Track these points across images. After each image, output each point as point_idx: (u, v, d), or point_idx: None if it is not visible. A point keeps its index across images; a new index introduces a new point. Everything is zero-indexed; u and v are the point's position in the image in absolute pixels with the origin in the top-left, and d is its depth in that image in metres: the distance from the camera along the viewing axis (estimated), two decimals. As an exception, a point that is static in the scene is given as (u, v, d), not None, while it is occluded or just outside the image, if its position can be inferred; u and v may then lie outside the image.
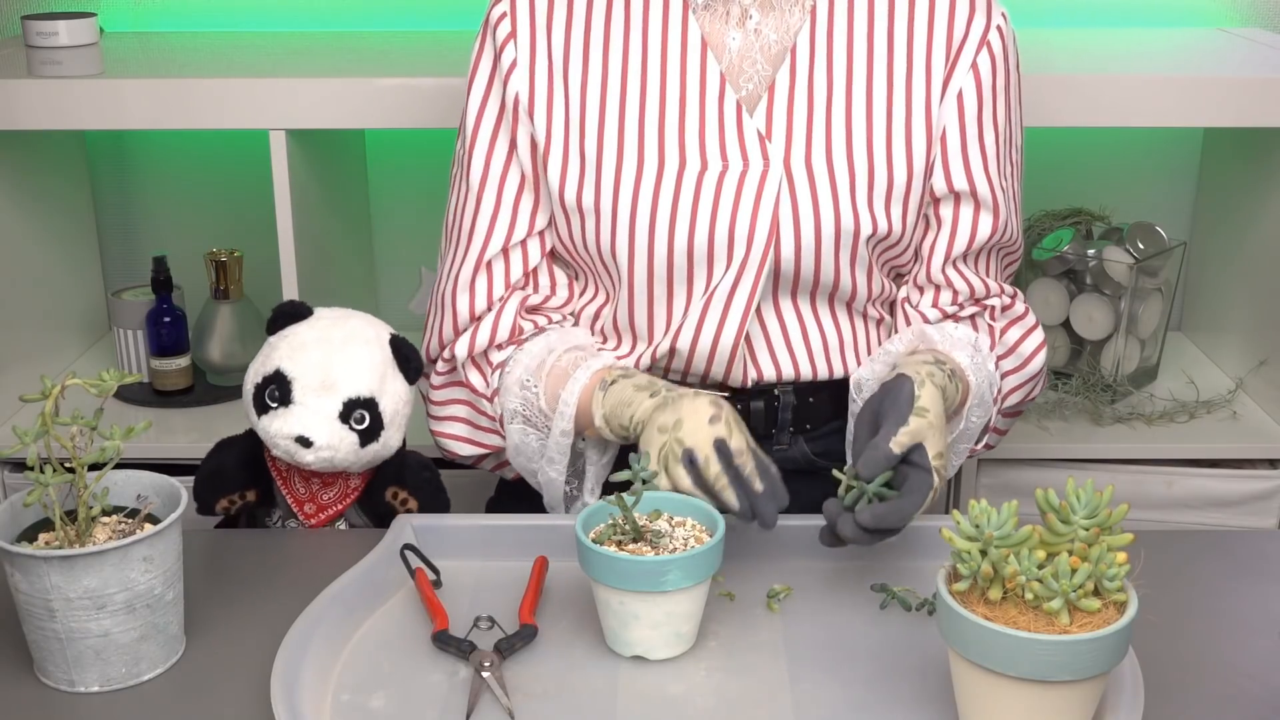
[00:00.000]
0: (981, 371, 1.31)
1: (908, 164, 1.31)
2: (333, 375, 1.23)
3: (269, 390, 1.23)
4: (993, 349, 1.37)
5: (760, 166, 1.29)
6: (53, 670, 1.04)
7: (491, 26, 1.35)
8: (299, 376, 1.22)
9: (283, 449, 1.22)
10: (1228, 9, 2.18)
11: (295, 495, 1.29)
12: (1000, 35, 1.32)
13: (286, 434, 1.21)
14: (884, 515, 1.10)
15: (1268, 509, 1.90)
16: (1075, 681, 0.90)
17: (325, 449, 1.22)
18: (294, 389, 1.22)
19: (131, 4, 2.17)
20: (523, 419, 1.32)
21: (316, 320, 1.27)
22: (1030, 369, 1.39)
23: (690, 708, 1.01)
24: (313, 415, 1.22)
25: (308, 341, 1.24)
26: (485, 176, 1.35)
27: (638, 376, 1.26)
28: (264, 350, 1.26)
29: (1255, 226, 1.98)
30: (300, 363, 1.23)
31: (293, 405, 1.22)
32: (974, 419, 1.32)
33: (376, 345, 1.26)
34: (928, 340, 1.31)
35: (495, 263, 1.36)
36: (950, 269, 1.36)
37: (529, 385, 1.31)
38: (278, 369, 1.23)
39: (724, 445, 1.14)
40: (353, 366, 1.24)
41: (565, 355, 1.31)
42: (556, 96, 1.33)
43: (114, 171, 2.20)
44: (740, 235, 1.29)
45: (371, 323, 1.29)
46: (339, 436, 1.22)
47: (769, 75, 1.32)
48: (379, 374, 1.25)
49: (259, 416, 1.23)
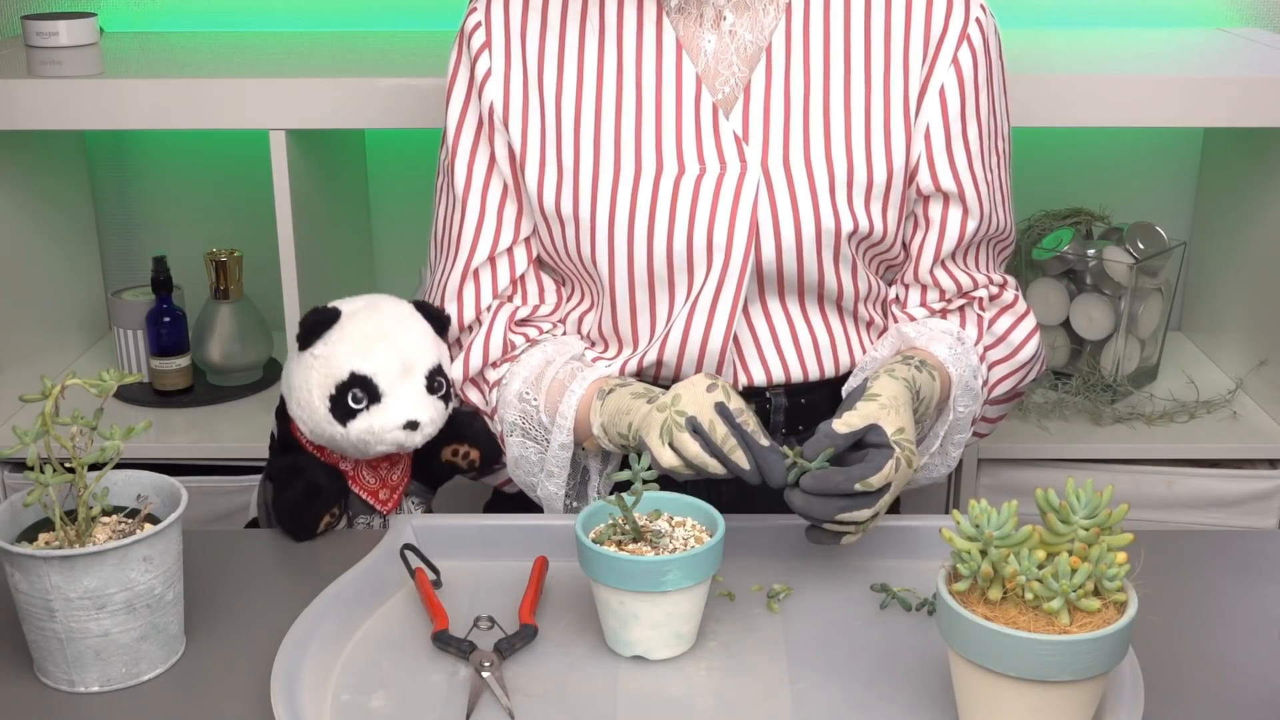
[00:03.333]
0: (963, 361, 1.31)
1: (887, 161, 1.31)
2: (407, 357, 1.24)
3: (351, 394, 1.22)
4: (980, 339, 1.37)
5: (738, 169, 1.29)
6: (53, 670, 1.04)
7: (466, 36, 1.35)
8: (378, 370, 1.23)
9: (391, 441, 1.23)
10: (1228, 9, 2.18)
11: (367, 488, 1.29)
12: (980, 28, 1.31)
13: (393, 425, 1.23)
14: (826, 476, 1.10)
15: (1268, 509, 1.90)
16: (1075, 681, 0.90)
17: (429, 424, 1.25)
18: (379, 383, 1.23)
19: (131, 4, 2.17)
20: (521, 431, 1.32)
21: (353, 316, 1.26)
22: (1020, 357, 1.39)
23: (690, 708, 1.01)
24: (409, 399, 1.24)
25: (368, 336, 1.24)
26: (468, 186, 1.35)
27: (635, 385, 1.26)
28: (314, 364, 1.24)
29: (1255, 226, 1.98)
30: (373, 358, 1.23)
31: (385, 398, 1.23)
32: (961, 408, 1.32)
33: (418, 317, 1.29)
34: (906, 341, 1.32)
35: (482, 271, 1.36)
36: (938, 269, 1.36)
37: (527, 398, 1.31)
38: (351, 372, 1.22)
39: (724, 408, 1.15)
40: (417, 343, 1.26)
41: (564, 368, 1.31)
42: (532, 104, 1.33)
43: (114, 171, 2.20)
44: (719, 239, 1.28)
45: (396, 300, 1.30)
46: (434, 408, 1.25)
47: (745, 76, 1.32)
48: (434, 340, 1.28)
49: (346, 424, 1.23)
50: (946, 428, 1.32)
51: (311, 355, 1.24)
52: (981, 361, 1.36)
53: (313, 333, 1.24)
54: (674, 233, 1.29)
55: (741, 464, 1.13)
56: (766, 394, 1.36)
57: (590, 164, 1.31)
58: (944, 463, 1.36)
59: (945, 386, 1.29)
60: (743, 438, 1.13)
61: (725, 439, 1.13)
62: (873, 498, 1.12)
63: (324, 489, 1.26)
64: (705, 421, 1.14)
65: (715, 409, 1.14)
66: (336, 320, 1.25)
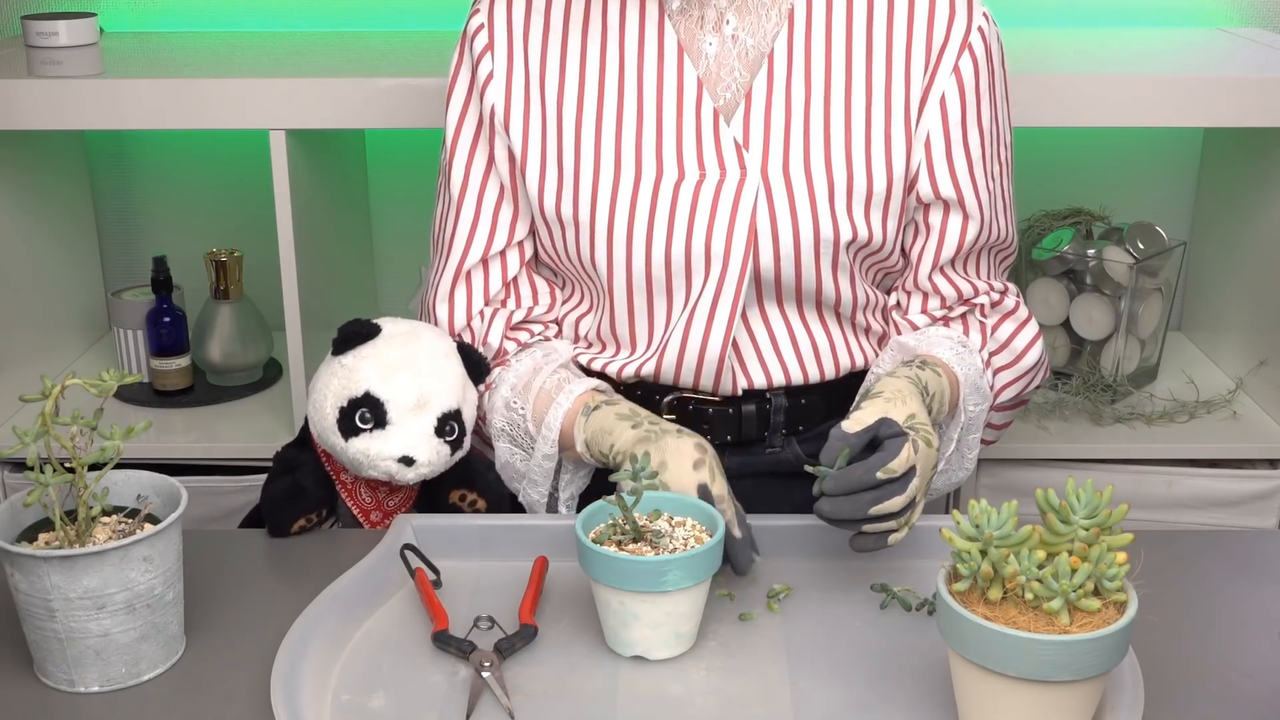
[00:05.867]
0: (968, 362, 1.31)
1: (887, 170, 1.30)
2: (426, 393, 1.23)
3: (359, 413, 1.22)
4: (984, 346, 1.37)
5: (737, 175, 1.29)
6: (53, 670, 1.04)
7: (469, 38, 1.35)
8: (392, 398, 1.22)
9: (383, 470, 1.22)
10: (1228, 9, 2.18)
11: (360, 505, 1.29)
12: (982, 36, 1.31)
13: (389, 456, 1.21)
14: (847, 474, 1.10)
15: (1268, 509, 1.90)
16: (1075, 681, 0.90)
17: (425, 466, 1.22)
18: (389, 410, 1.22)
19: (131, 4, 2.17)
20: (508, 438, 1.33)
21: (391, 338, 1.25)
22: (1024, 364, 1.39)
23: (690, 708, 1.01)
24: (412, 435, 1.22)
25: (395, 362, 1.23)
26: (465, 187, 1.36)
27: (620, 404, 1.26)
28: (338, 373, 1.23)
29: (1255, 226, 1.98)
30: (392, 385, 1.22)
31: (390, 426, 1.22)
32: (972, 407, 1.32)
33: (454, 358, 1.27)
34: (907, 351, 1.32)
35: (475, 273, 1.36)
36: (938, 275, 1.36)
37: (514, 406, 1.32)
38: (367, 392, 1.22)
39: (706, 491, 1.15)
40: (442, 383, 1.24)
41: (551, 377, 1.32)
42: (533, 107, 1.33)
43: (114, 171, 2.20)
44: (718, 245, 1.28)
45: (440, 335, 1.28)
46: (436, 451, 1.23)
47: (746, 81, 1.32)
48: (460, 385, 1.26)
49: (348, 439, 1.23)
50: (960, 430, 1.32)
51: (339, 363, 1.24)
52: (986, 367, 1.36)
53: (347, 342, 1.24)
54: (673, 238, 1.29)
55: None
56: (766, 395, 1.36)
57: (591, 168, 1.31)
58: (961, 465, 1.36)
59: (954, 386, 1.29)
60: None
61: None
62: (901, 484, 1.11)
63: (306, 492, 1.26)
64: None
65: (697, 490, 1.15)
66: (374, 336, 1.24)
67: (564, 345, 1.38)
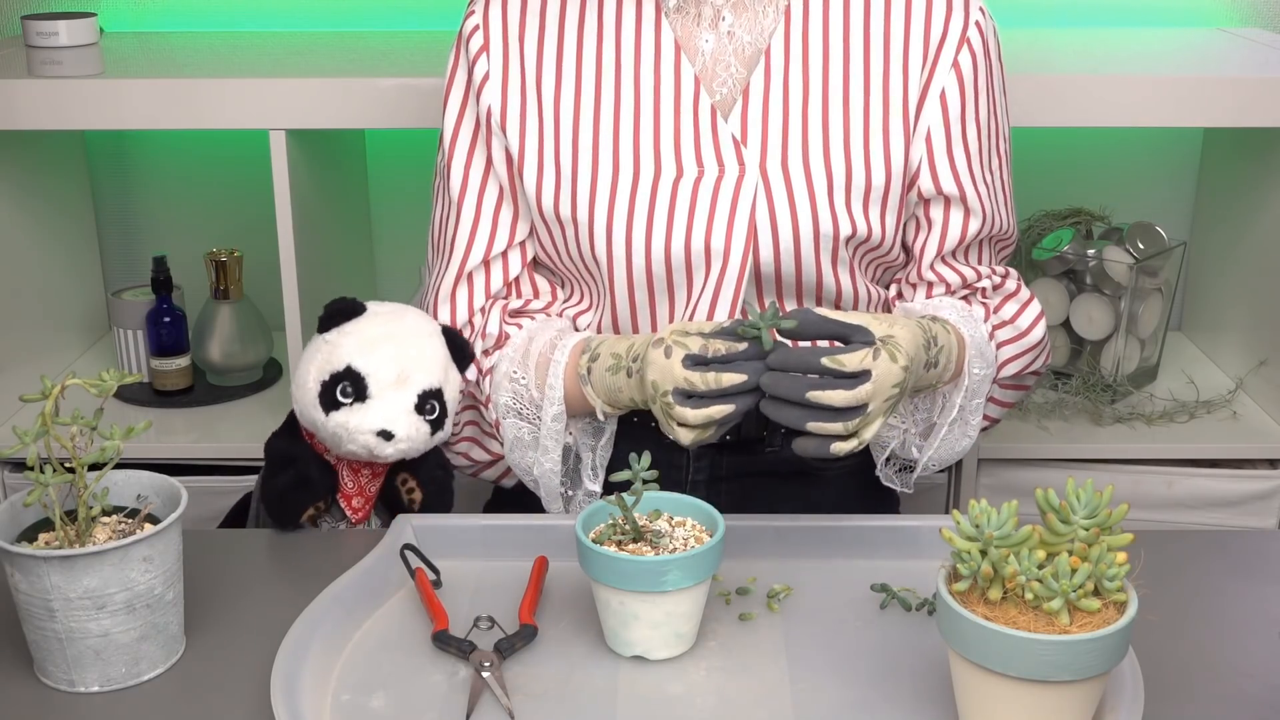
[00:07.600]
0: (973, 327, 1.31)
1: (886, 165, 1.30)
2: (407, 369, 1.24)
3: (340, 387, 1.23)
4: (988, 319, 1.36)
5: (736, 172, 1.29)
6: (53, 670, 1.04)
7: (465, 39, 1.35)
8: (373, 372, 1.23)
9: (361, 444, 1.23)
10: (1228, 9, 2.18)
11: (344, 491, 1.29)
12: (980, 30, 1.31)
13: (368, 429, 1.22)
14: (792, 350, 1.09)
15: (1268, 509, 1.90)
16: (1075, 681, 0.90)
17: (403, 440, 1.23)
18: (369, 384, 1.23)
19: (131, 4, 2.17)
20: (515, 413, 1.32)
21: (374, 316, 1.26)
22: (1029, 339, 1.39)
23: (690, 708, 1.01)
24: (392, 409, 1.23)
25: (377, 337, 1.24)
26: (464, 189, 1.36)
27: (604, 359, 1.25)
28: (321, 348, 1.25)
29: (1255, 226, 1.98)
30: (373, 358, 1.23)
31: (370, 400, 1.23)
32: (976, 370, 1.30)
33: (437, 338, 1.28)
34: (913, 314, 1.31)
35: (476, 274, 1.36)
36: (940, 264, 1.36)
37: (516, 377, 1.32)
38: (348, 365, 1.23)
39: (691, 359, 1.13)
40: (423, 359, 1.25)
41: (546, 342, 1.32)
42: (530, 107, 1.33)
43: (114, 171, 2.20)
44: (718, 242, 1.28)
45: (424, 317, 1.30)
46: (415, 427, 1.24)
47: (743, 78, 1.32)
48: (443, 365, 1.27)
49: (329, 413, 1.23)
50: (963, 395, 1.31)
51: (323, 339, 1.25)
52: (990, 339, 1.36)
53: (331, 319, 1.26)
54: (672, 235, 1.29)
55: (736, 381, 1.11)
56: (766, 393, 1.36)
57: (589, 167, 1.31)
58: (964, 433, 1.34)
59: (960, 346, 1.28)
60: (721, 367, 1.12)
61: (715, 381, 1.12)
62: (850, 382, 1.09)
63: (313, 481, 1.27)
64: (689, 384, 1.13)
65: (685, 364, 1.13)
66: (359, 314, 1.26)
67: (561, 320, 1.37)
